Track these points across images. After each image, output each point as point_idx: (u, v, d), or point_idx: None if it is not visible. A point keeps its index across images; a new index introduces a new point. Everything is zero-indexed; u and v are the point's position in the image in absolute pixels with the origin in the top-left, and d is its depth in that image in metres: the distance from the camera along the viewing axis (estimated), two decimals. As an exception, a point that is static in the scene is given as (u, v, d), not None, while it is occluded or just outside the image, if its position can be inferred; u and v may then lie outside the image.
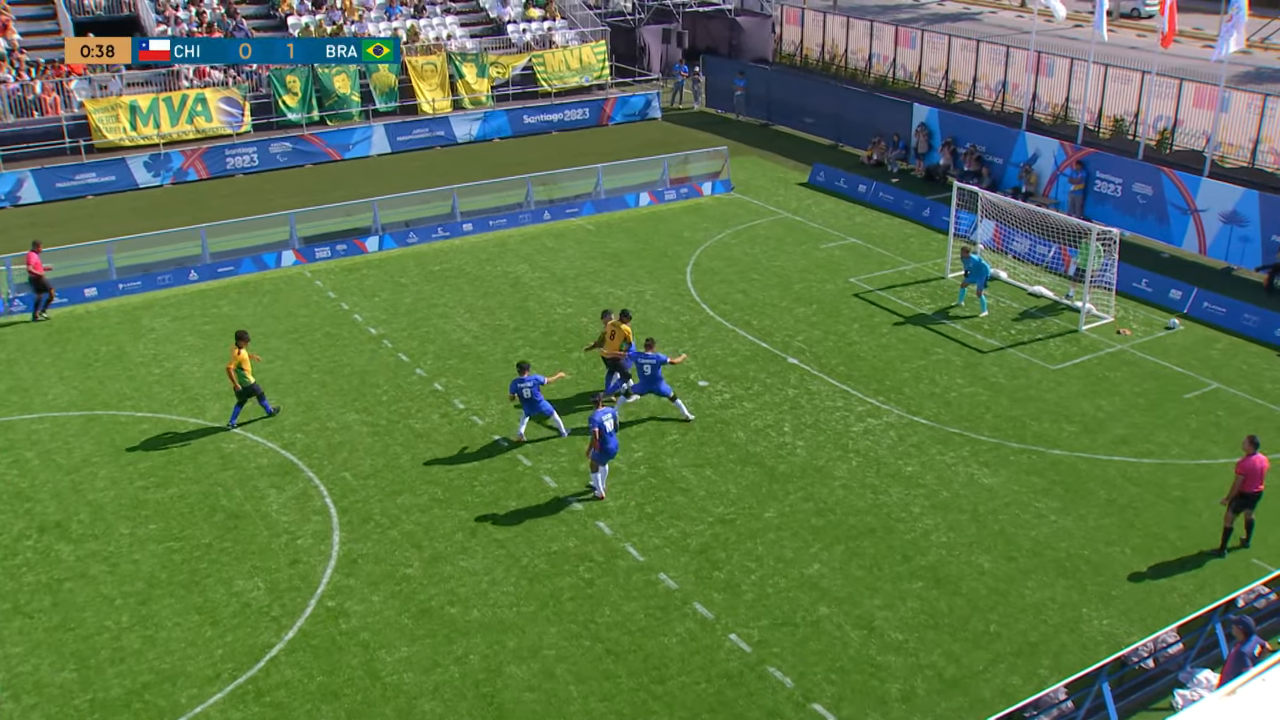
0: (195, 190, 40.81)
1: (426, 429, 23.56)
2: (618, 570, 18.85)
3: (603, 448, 20.43)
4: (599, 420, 20.37)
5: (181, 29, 46.82)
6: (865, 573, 18.78)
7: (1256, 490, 19.39)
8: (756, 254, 34.00)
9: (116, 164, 41.04)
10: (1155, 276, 30.89)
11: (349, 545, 19.59)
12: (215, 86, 45.02)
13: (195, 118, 44.22)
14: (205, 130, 44.33)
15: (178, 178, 41.91)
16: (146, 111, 43.22)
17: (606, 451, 20.54)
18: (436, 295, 30.87)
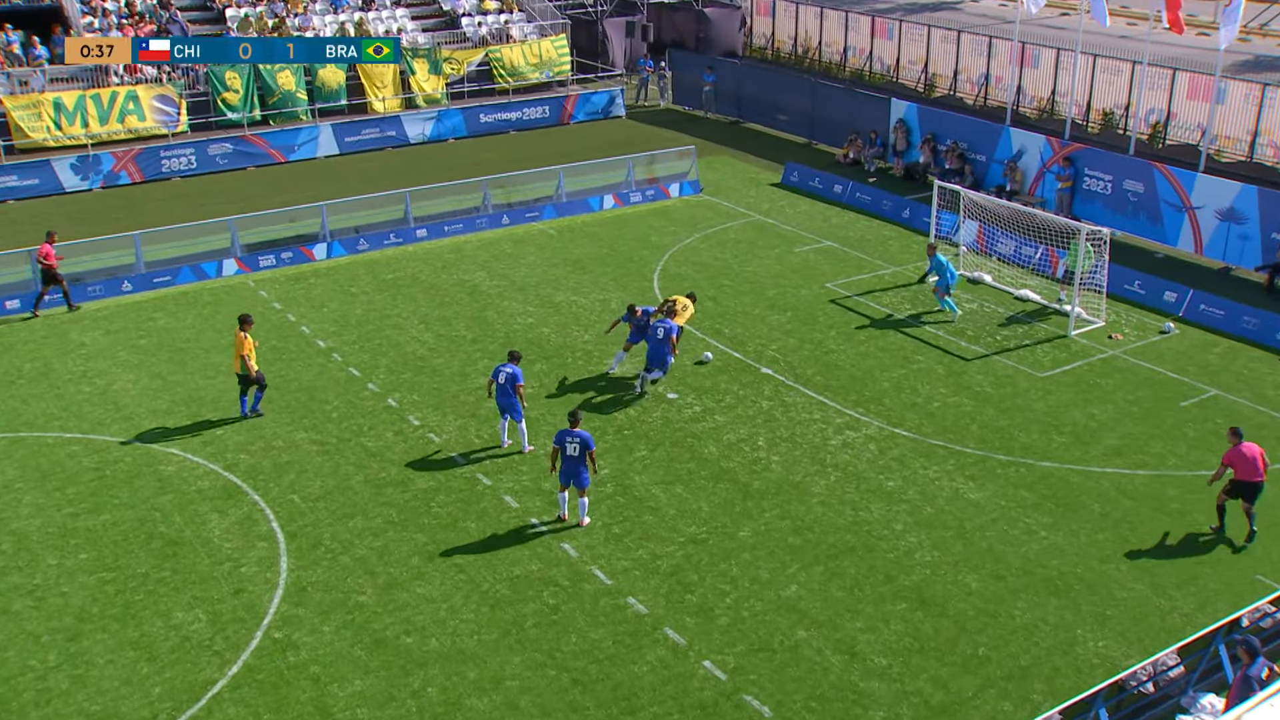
0: (128, 194, 40.52)
1: (380, 447, 23.46)
2: (584, 595, 18.81)
3: (563, 469, 20.38)
4: (559, 440, 20.35)
5: (110, 20, 46.44)
6: (846, 594, 18.82)
7: (1255, 480, 19.68)
8: (727, 259, 34.08)
9: (40, 166, 40.69)
10: (1148, 278, 31.21)
11: (297, 572, 19.44)
12: (148, 83, 44.63)
13: (127, 116, 43.84)
14: (138, 130, 44.02)
15: (108, 181, 41.62)
16: (73, 110, 42.73)
17: (569, 476, 20.40)
18: (389, 305, 30.76)
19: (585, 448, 20.20)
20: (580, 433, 20.26)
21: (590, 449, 20.24)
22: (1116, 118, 43.54)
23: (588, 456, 20.26)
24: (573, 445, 20.25)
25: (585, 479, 20.44)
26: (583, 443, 20.20)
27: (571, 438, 20.25)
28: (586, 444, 20.21)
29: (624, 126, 51.07)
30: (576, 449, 20.23)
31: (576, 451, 20.23)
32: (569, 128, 50.91)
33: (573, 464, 20.30)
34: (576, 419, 20.44)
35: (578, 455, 20.24)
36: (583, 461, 20.27)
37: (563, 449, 20.33)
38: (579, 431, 20.28)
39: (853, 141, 44.32)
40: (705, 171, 42.43)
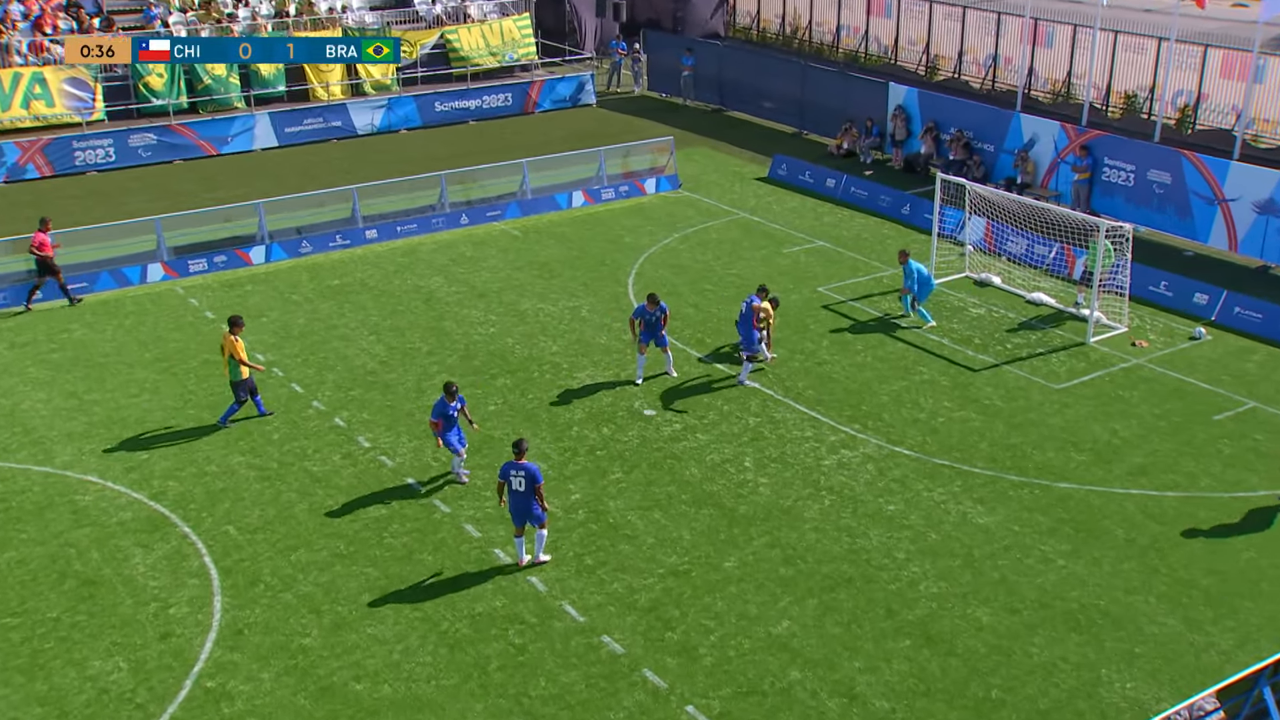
0: (36, 190, 40.31)
1: (326, 472, 23.38)
2: (554, 634, 18.78)
3: (512, 507, 20.02)
4: (503, 474, 19.89)
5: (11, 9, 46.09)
6: (843, 630, 18.85)
7: None
8: (709, 261, 34.15)
9: (-68, 158, 40.47)
10: (1176, 278, 31.42)
11: (233, 613, 19.33)
12: (57, 65, 44.12)
13: (33, 102, 43.49)
14: (47, 118, 43.73)
15: (12, 175, 41.36)
16: (-34, 94, 42.47)
17: (520, 515, 19.96)
18: (335, 314, 30.69)
19: (532, 481, 19.60)
20: (526, 464, 19.67)
21: (538, 483, 19.64)
22: (1140, 101, 43.70)
23: (535, 492, 19.73)
24: (518, 479, 19.67)
25: (539, 513, 19.92)
26: (529, 476, 19.60)
27: (516, 470, 19.67)
28: (533, 477, 19.61)
29: (595, 116, 51.11)
30: (523, 483, 19.65)
31: (523, 486, 19.63)
32: (534, 117, 50.93)
33: (521, 500, 19.76)
34: (522, 448, 19.86)
35: (524, 490, 19.66)
36: (531, 496, 19.71)
37: (508, 483, 19.85)
38: (525, 463, 19.70)
39: (847, 131, 44.52)
40: (684, 165, 42.49)
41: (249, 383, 25.00)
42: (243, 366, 24.67)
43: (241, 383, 24.85)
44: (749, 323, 26.52)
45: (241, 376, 24.76)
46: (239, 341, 24.57)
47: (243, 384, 24.88)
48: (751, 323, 26.51)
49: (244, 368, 24.71)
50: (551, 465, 23.36)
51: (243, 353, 24.65)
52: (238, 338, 24.61)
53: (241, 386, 24.90)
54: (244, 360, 24.67)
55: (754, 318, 26.51)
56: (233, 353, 24.50)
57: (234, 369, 24.66)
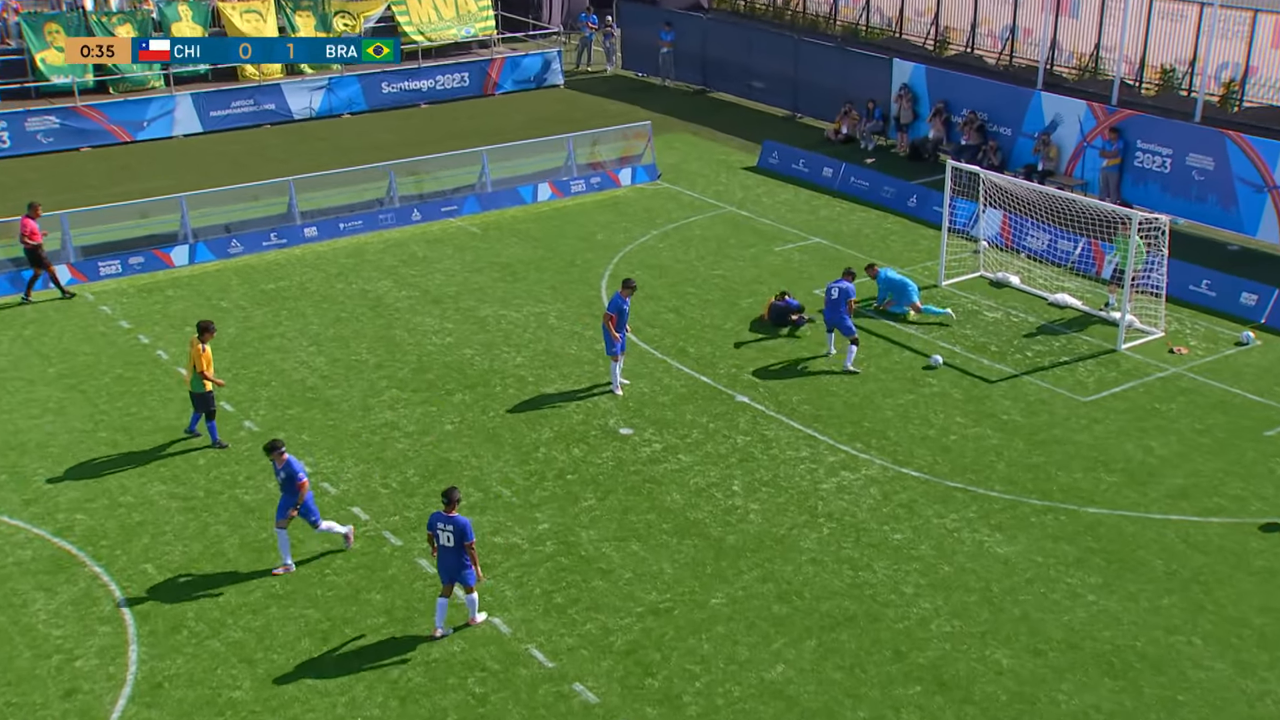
0: (-71, 187, 40.15)
1: (260, 501, 23.26)
2: (518, 682, 18.70)
3: (440, 563, 19.46)
4: (431, 525, 19.34)
5: None
6: (845, 675, 18.82)
7: None
8: (692, 260, 34.16)
9: None
10: (1220, 276, 31.56)
11: (151, 664, 19.18)
12: None
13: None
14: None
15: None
16: None
17: (449, 572, 19.38)
18: (271, 323, 30.59)
19: (461, 538, 19.06)
20: (456, 518, 19.09)
21: (467, 540, 19.06)
22: (1178, 76, 43.72)
23: (466, 550, 19.13)
24: (445, 533, 19.17)
25: (471, 575, 19.33)
26: (458, 531, 19.05)
27: (444, 523, 19.15)
28: (463, 533, 19.04)
29: (562, 98, 51.13)
30: (451, 538, 19.14)
31: (451, 541, 19.12)
32: (494, 100, 50.93)
33: (450, 557, 19.21)
34: (452, 498, 19.21)
35: (453, 546, 19.14)
36: (462, 554, 19.15)
37: (436, 537, 19.34)
38: (454, 516, 19.13)
39: (846, 114, 44.64)
40: (664, 153, 42.52)
41: (210, 397, 24.89)
42: (205, 380, 24.53)
43: (203, 395, 24.72)
44: (840, 308, 27.78)
45: (203, 389, 24.65)
46: (206, 352, 24.52)
47: (205, 397, 24.76)
48: (843, 308, 27.74)
49: (207, 381, 24.57)
50: (516, 491, 23.31)
51: (208, 364, 24.50)
52: (205, 347, 24.56)
53: (202, 400, 24.82)
54: (206, 374, 24.48)
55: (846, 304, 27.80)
56: (195, 363, 24.44)
57: (195, 380, 24.59)
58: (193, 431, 25.41)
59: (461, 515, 19.42)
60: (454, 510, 19.16)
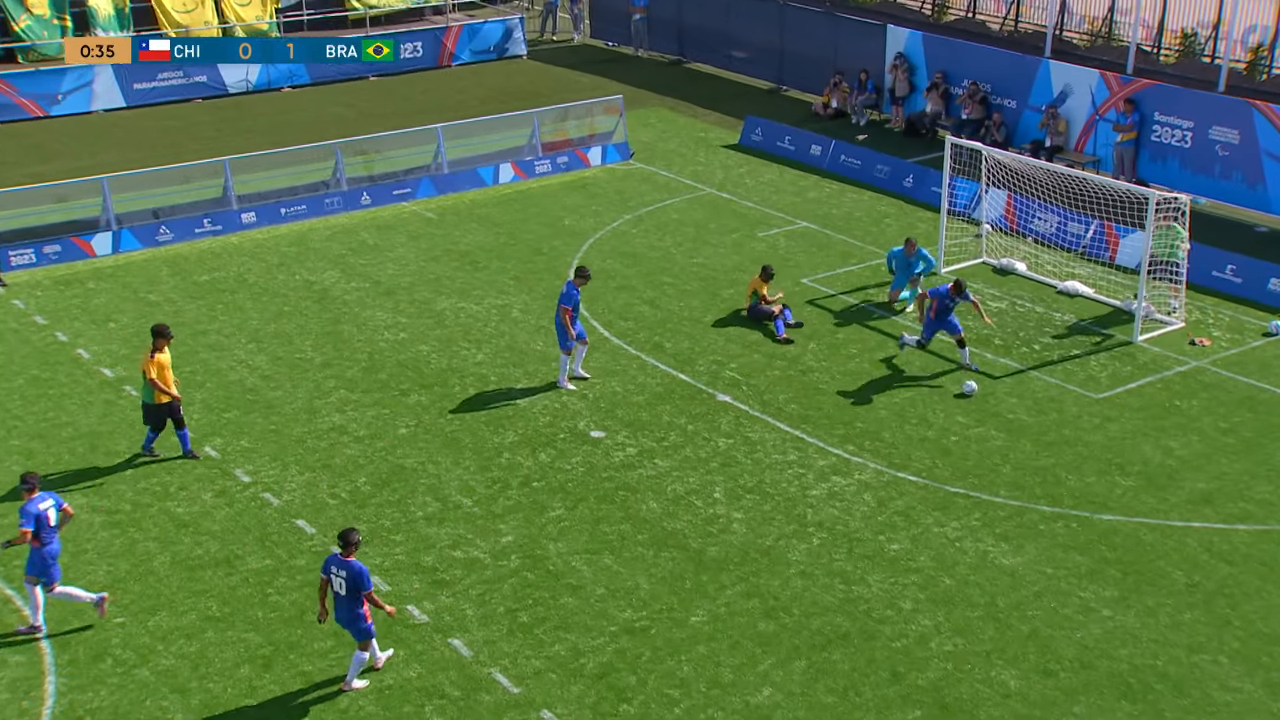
0: None
1: (195, 514, 23.23)
2: (481, 709, 18.74)
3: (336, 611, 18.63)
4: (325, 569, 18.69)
5: None
6: (838, 699, 18.91)
7: None
8: (668, 248, 34.21)
9: None
10: (1246, 260, 31.76)
11: (71, 696, 19.12)
12: None
13: None
14: None
15: None
16: None
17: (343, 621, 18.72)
18: (205, 318, 30.53)
19: (356, 587, 18.40)
20: (352, 563, 18.46)
21: (364, 589, 18.43)
22: (1201, 41, 43.76)
23: (361, 600, 18.52)
24: (339, 579, 18.51)
25: (363, 626, 18.68)
26: (351, 578, 18.36)
27: (339, 568, 18.53)
28: (357, 581, 18.36)
29: (525, 70, 51.10)
30: (344, 585, 18.45)
31: (344, 589, 18.45)
32: (450, 72, 50.87)
33: (344, 607, 18.61)
34: (350, 541, 18.49)
35: (346, 594, 18.50)
36: (355, 604, 18.55)
37: (330, 582, 18.73)
38: (350, 561, 18.47)
39: (836, 86, 44.73)
40: (637, 130, 42.54)
41: (165, 410, 24.40)
42: (147, 389, 24.19)
43: (154, 408, 24.35)
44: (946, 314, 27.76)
45: (155, 401, 24.27)
46: (156, 359, 23.96)
47: (155, 410, 24.38)
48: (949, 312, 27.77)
49: (168, 386, 24.22)
50: (478, 501, 23.34)
51: (156, 373, 24.00)
52: (156, 355, 24.03)
53: (153, 413, 24.45)
54: (157, 384, 24.04)
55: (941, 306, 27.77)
56: (144, 371, 24.10)
57: (146, 390, 24.24)
58: (149, 451, 24.86)
59: (359, 561, 18.56)
60: (352, 554, 18.48)
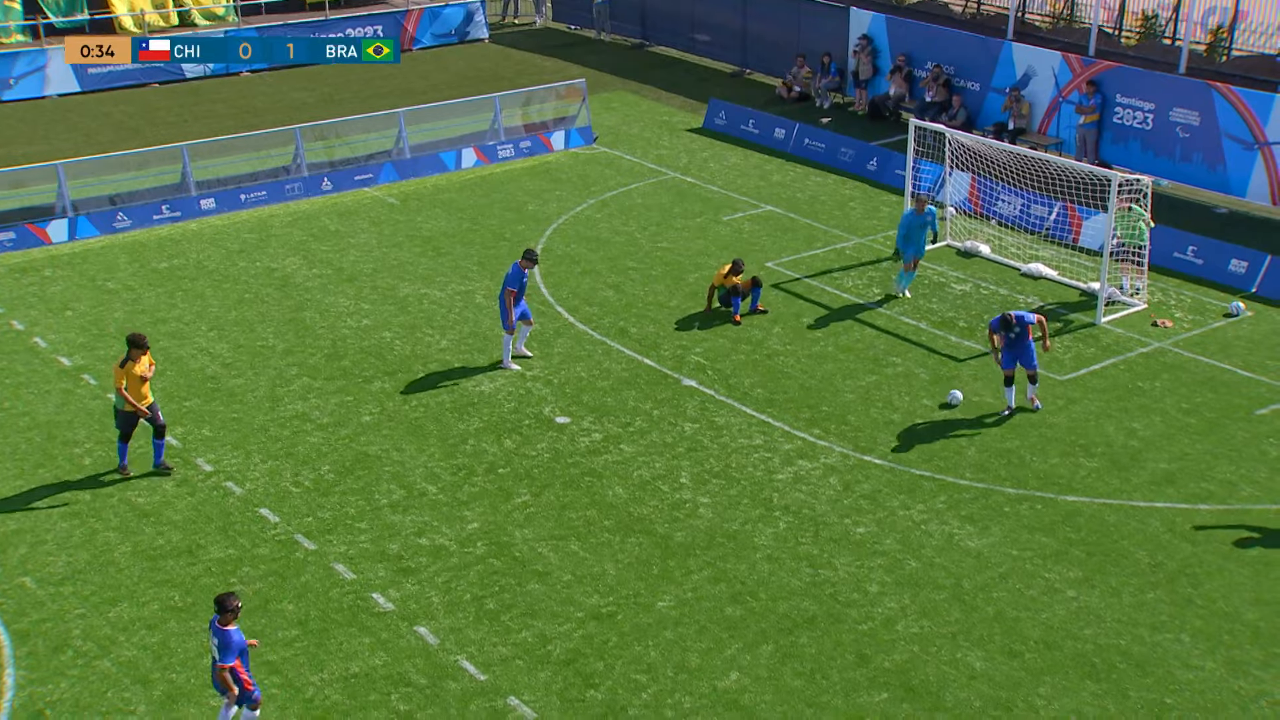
0: None
1: (155, 504, 23.15)
2: (448, 697, 18.74)
3: None
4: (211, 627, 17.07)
5: None
6: (805, 682, 18.96)
7: None
8: (633, 232, 34.20)
9: None
10: (1207, 241, 31.91)
11: (32, 689, 19.04)
12: None
13: None
14: None
15: None
16: None
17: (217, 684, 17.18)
18: (164, 305, 30.40)
19: (217, 656, 17.11)
20: (225, 631, 16.90)
21: (221, 662, 16.99)
22: (1161, 23, 43.88)
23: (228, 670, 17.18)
24: (212, 645, 17.21)
25: (244, 692, 17.44)
26: (220, 647, 17.01)
27: (213, 635, 17.03)
28: (225, 647, 17.00)
29: (487, 53, 50.97)
30: (215, 651, 17.14)
31: (217, 654, 17.12)
32: (411, 56, 50.66)
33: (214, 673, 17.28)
34: (226, 606, 16.93)
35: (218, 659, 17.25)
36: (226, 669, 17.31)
37: None
38: (225, 630, 16.90)
39: (799, 69, 44.71)
40: (600, 114, 42.48)
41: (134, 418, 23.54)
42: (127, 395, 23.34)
43: (124, 414, 23.51)
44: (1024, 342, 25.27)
45: (124, 407, 23.48)
46: (125, 369, 23.12)
47: (125, 416, 23.52)
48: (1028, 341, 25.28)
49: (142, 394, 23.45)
50: (443, 488, 23.31)
51: (124, 382, 23.19)
52: (127, 364, 23.15)
53: (122, 417, 23.60)
54: (124, 394, 23.24)
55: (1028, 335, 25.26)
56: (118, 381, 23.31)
57: (119, 400, 23.47)
58: (121, 469, 23.99)
59: (237, 630, 17.00)
60: (230, 622, 16.93)
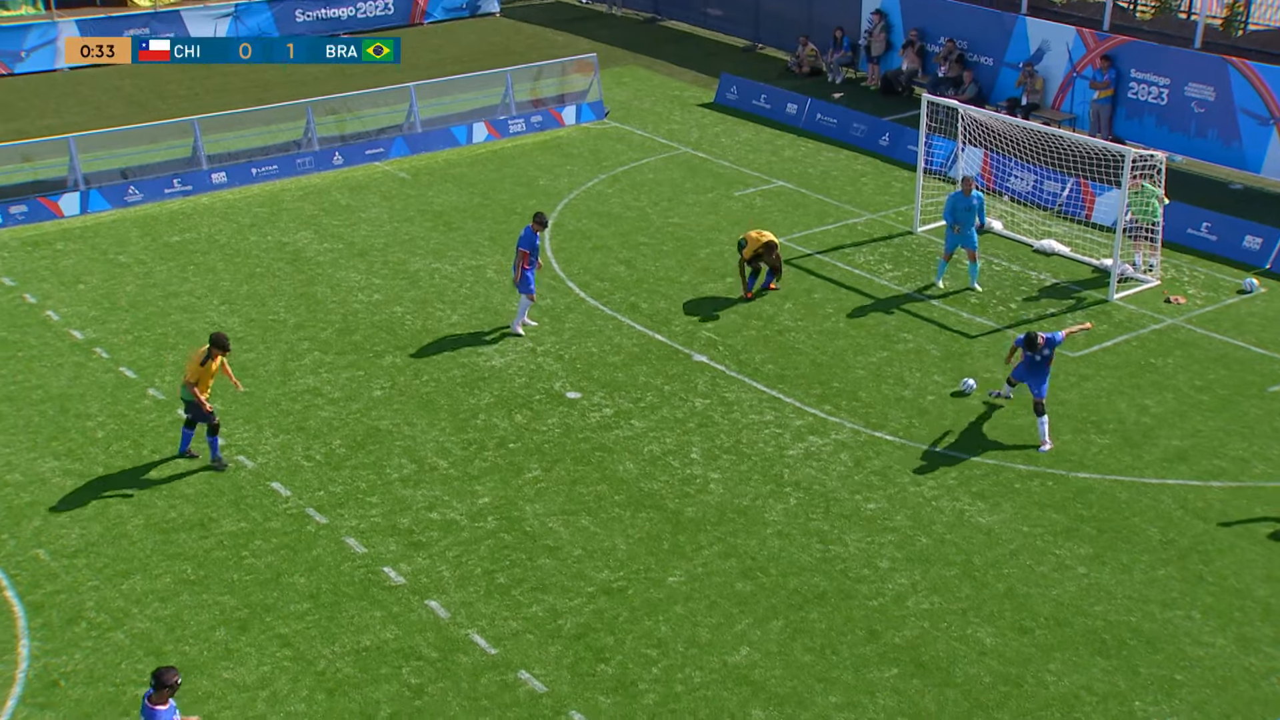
0: None
1: (167, 478, 23.18)
2: (459, 670, 18.77)
3: None
4: None
5: None
6: (815, 658, 18.98)
7: None
8: (644, 207, 34.15)
9: None
10: (1222, 218, 31.82)
11: (46, 660, 19.10)
12: None
13: None
14: None
15: None
16: None
17: None
18: (176, 279, 30.42)
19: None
20: (158, 713, 15.47)
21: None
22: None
23: None
24: None
25: None
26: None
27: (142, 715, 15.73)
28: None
29: (499, 28, 50.86)
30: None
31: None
32: (422, 30, 50.59)
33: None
34: (164, 681, 15.47)
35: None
36: None
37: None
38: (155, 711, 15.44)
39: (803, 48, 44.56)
40: (612, 89, 42.39)
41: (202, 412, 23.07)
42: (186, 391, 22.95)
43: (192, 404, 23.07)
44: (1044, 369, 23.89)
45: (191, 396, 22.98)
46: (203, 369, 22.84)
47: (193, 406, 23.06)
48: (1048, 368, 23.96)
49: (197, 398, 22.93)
50: (454, 463, 23.32)
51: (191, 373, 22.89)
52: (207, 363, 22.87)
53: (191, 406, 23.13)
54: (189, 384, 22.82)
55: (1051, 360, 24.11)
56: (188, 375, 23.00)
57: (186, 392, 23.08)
58: (217, 460, 23.42)
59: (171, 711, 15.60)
60: (162, 700, 15.48)
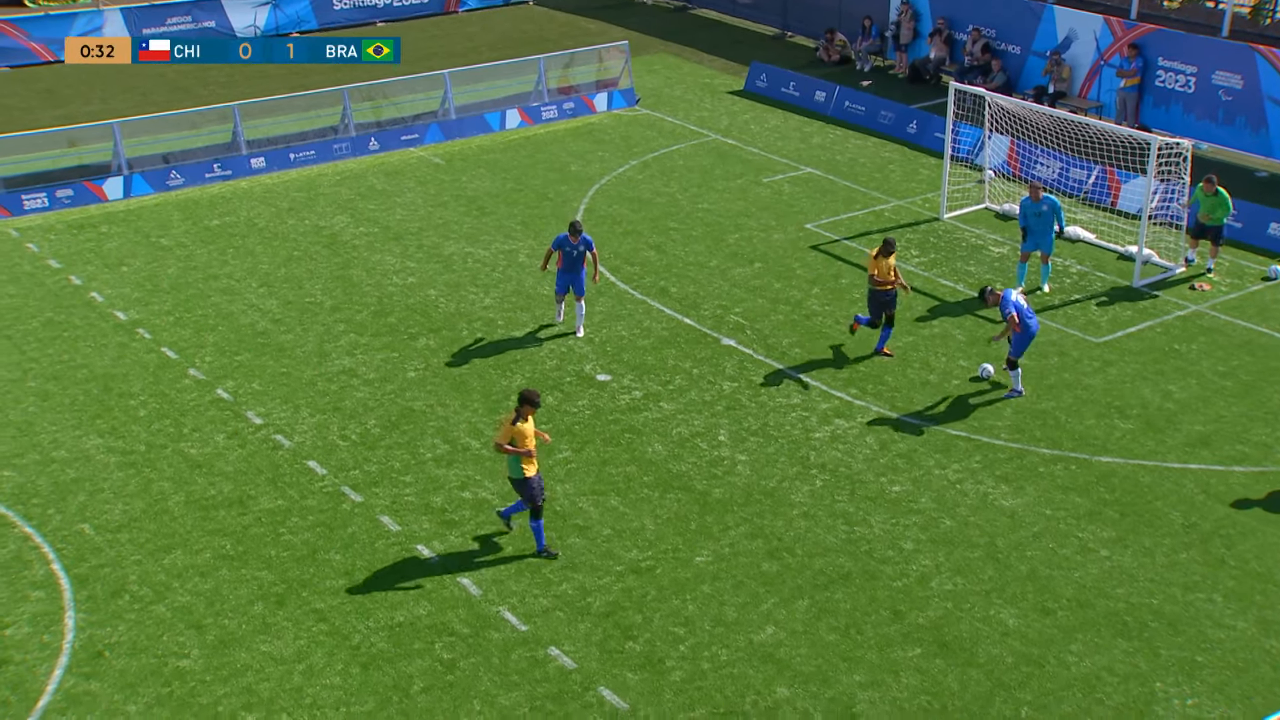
0: None
1: (208, 455, 23.29)
2: (490, 646, 18.83)
3: None
4: None
5: None
6: (840, 637, 18.99)
7: None
8: (674, 193, 34.12)
9: None
10: (1247, 205, 31.57)
11: (91, 631, 19.23)
12: None
13: None
14: None
15: None
16: None
17: None
18: (216, 262, 30.51)
19: None
20: None
21: None
22: (1204, -15, 43.59)
23: None
24: None
25: None
26: None
27: None
28: None
29: (532, 16, 50.80)
30: None
31: None
32: (457, 17, 50.58)
33: None
34: None
35: None
36: None
37: None
38: None
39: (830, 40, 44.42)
40: (643, 76, 42.33)
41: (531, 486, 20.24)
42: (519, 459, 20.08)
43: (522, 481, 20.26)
44: None
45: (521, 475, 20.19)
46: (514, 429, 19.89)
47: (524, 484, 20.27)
48: None
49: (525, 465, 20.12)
50: (485, 443, 23.36)
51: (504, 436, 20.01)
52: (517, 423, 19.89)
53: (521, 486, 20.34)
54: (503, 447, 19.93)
55: None
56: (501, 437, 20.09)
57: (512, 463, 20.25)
58: (546, 550, 20.64)
59: None
60: None
